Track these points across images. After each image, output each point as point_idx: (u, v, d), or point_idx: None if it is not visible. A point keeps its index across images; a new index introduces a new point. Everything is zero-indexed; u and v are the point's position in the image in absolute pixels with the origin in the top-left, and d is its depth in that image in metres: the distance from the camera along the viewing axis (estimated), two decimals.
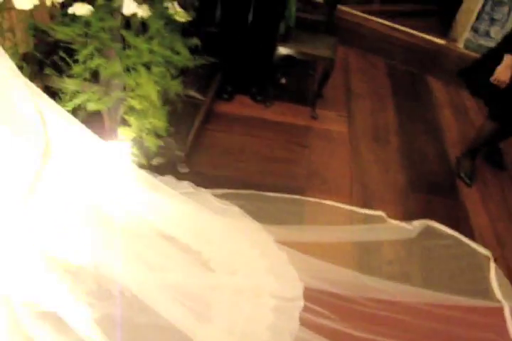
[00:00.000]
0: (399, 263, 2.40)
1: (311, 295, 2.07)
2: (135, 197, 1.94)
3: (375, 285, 2.18)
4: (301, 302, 2.03)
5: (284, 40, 3.28)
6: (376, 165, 3.10)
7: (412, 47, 4.66)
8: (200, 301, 1.90)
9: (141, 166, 2.29)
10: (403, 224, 2.60)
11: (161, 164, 2.58)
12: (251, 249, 2.16)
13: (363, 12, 4.93)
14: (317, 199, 2.68)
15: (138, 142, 2.24)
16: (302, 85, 3.73)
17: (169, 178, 2.50)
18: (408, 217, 2.68)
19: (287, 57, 3.28)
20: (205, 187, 2.54)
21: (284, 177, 2.85)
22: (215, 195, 2.49)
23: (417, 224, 2.60)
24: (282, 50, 3.25)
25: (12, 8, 1.89)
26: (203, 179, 2.63)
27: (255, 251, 2.16)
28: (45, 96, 1.70)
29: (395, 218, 2.65)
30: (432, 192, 2.95)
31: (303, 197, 2.67)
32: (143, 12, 2.02)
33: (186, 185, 2.51)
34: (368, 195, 2.83)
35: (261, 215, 2.39)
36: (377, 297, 2.15)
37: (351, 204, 2.71)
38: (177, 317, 1.80)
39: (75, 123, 1.78)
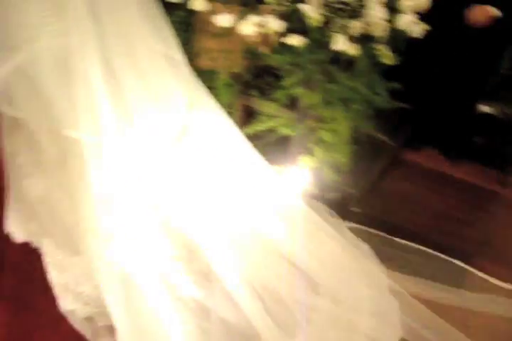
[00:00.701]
0: None
1: None
2: (273, 219, 1.98)
3: None
4: None
5: (487, 98, 3.14)
6: None
7: None
8: (294, 316, 1.88)
9: (314, 197, 2.33)
10: None
11: (335, 199, 2.59)
12: (365, 287, 2.10)
13: None
14: (462, 264, 2.51)
15: (317, 173, 2.29)
16: (497, 147, 3.53)
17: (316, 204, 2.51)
18: None
19: (487, 115, 3.14)
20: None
21: (452, 237, 2.71)
22: (360, 231, 2.46)
23: None
24: (483, 108, 3.12)
25: (236, 33, 2.08)
26: (372, 222, 2.59)
27: (368, 291, 2.09)
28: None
29: None
30: None
31: (452, 259, 2.52)
32: (352, 50, 2.08)
33: (325, 213, 2.49)
34: None
35: (401, 264, 2.33)
36: None
37: None
38: (265, 324, 1.79)
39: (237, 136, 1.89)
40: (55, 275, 1.86)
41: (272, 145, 2.06)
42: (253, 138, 2.09)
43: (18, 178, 1.82)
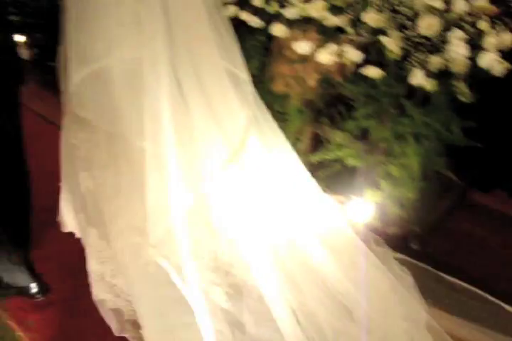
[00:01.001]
0: None
1: None
2: (319, 244, 1.95)
3: None
4: None
5: None
6: None
7: None
8: (327, 339, 1.85)
9: (375, 230, 2.29)
10: None
11: (395, 234, 2.54)
12: (400, 319, 2.02)
13: None
14: None
15: (380, 206, 2.25)
16: None
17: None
18: None
19: None
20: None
21: None
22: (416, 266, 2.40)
23: None
24: None
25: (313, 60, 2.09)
26: (430, 260, 2.51)
27: (403, 323, 2.02)
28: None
29: None
30: None
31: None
32: (429, 85, 2.04)
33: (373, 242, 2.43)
34: None
35: (453, 305, 2.25)
36: None
37: None
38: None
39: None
40: (93, 265, 1.90)
41: (337, 175, 2.03)
42: (319, 166, 2.08)
43: (75, 170, 1.89)
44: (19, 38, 3.46)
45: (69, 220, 2.07)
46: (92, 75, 1.71)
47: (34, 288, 2.09)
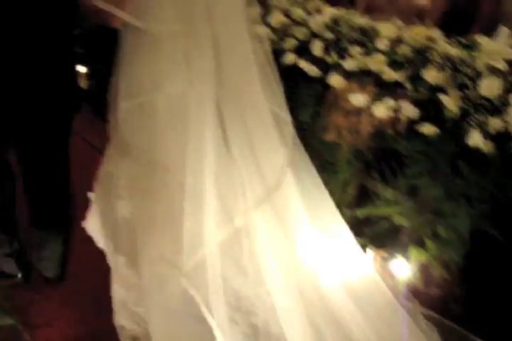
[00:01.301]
0: None
1: None
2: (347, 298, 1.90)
3: None
4: None
5: None
6: None
7: None
8: None
9: (415, 290, 2.22)
10: None
11: (436, 295, 2.46)
12: None
13: None
14: None
15: (424, 266, 2.18)
16: None
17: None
18: None
19: None
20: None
21: None
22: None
23: None
24: None
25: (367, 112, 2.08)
26: (469, 324, 2.41)
27: None
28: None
29: None
30: None
31: None
32: (486, 147, 2.00)
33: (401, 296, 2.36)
34: None
35: None
36: None
37: None
38: None
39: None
40: (117, 291, 1.90)
41: (382, 230, 1.98)
42: (365, 220, 2.04)
43: (112, 198, 1.92)
44: (81, 69, 3.59)
45: (98, 237, 2.09)
46: (138, 107, 1.77)
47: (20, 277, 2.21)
